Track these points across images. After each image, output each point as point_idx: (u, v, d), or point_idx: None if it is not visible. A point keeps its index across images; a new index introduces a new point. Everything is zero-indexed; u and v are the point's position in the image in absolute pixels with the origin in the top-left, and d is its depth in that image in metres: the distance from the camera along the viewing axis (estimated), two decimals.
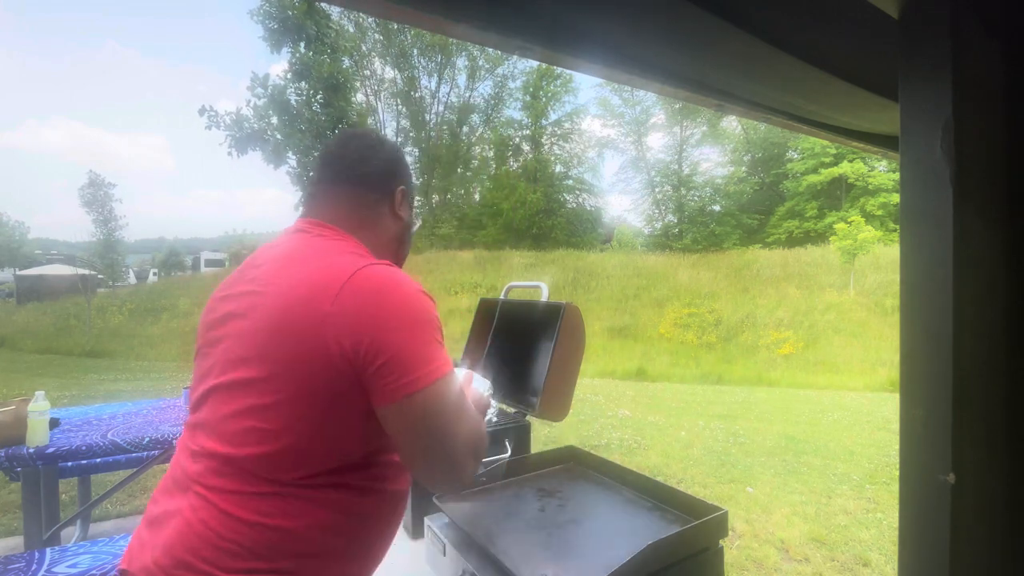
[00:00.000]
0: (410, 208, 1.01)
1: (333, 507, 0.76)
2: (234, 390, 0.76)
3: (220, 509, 0.72)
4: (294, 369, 0.72)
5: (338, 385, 0.72)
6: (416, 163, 32.82)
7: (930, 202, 0.58)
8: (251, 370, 0.74)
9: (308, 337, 0.72)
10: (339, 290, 0.73)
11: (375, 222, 0.93)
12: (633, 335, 14.52)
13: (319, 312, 0.72)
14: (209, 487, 0.74)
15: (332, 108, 12.96)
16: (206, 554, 0.70)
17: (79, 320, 16.60)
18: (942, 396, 0.56)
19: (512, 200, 27.92)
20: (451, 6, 0.67)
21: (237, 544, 0.71)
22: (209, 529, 0.71)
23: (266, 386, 0.73)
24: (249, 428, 0.73)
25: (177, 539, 0.72)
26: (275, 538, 0.72)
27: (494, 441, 1.44)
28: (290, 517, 0.73)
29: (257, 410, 0.73)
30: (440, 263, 20.94)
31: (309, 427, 0.73)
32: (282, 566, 0.72)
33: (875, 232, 15.09)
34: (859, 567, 2.84)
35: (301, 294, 0.74)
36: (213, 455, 0.75)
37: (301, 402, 0.72)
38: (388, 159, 0.97)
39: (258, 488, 0.72)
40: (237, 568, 0.70)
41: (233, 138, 12.15)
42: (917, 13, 0.59)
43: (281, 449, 0.72)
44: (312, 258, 0.80)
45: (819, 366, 11.22)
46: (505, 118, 32.77)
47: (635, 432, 5.48)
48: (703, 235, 26.20)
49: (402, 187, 0.97)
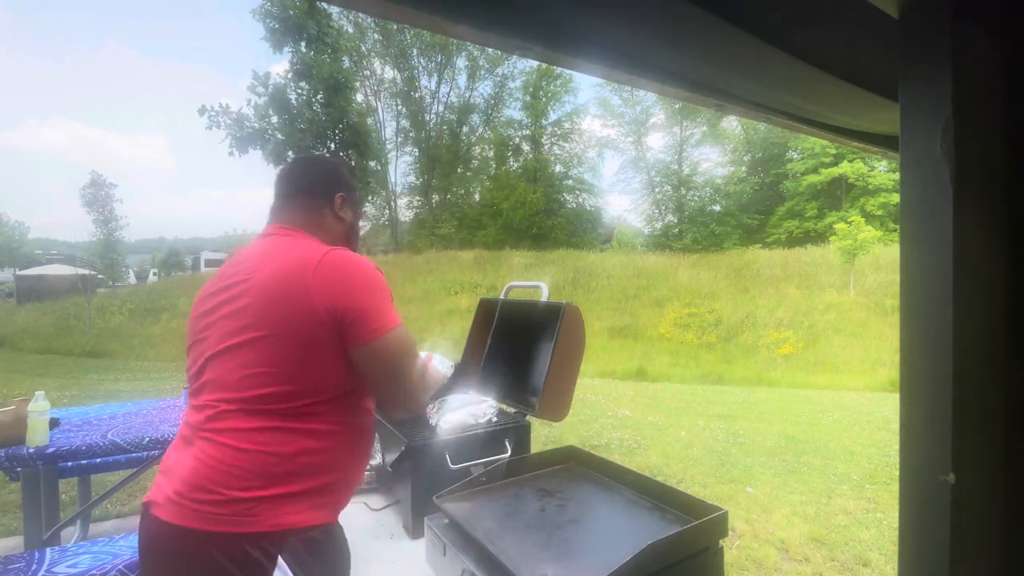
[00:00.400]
0: (353, 211, 1.24)
1: (314, 435, 0.99)
2: (236, 350, 0.98)
3: (223, 444, 0.94)
4: (288, 326, 0.96)
5: (321, 334, 0.97)
6: (416, 163, 32.82)
7: (930, 202, 0.58)
8: (251, 333, 0.97)
9: (298, 302, 0.96)
10: (315, 267, 0.98)
11: (321, 223, 1.17)
12: (633, 335, 14.51)
13: (303, 284, 0.97)
14: (215, 430, 0.95)
15: (332, 108, 12.97)
16: (215, 478, 0.91)
17: (79, 320, 16.60)
18: (942, 396, 0.56)
19: (512, 200, 27.91)
20: (451, 6, 0.67)
21: (240, 468, 0.92)
22: (217, 461, 0.93)
23: (266, 342, 0.96)
24: (255, 374, 0.96)
25: (191, 473, 0.93)
26: (269, 461, 0.94)
27: (494, 441, 1.44)
28: (281, 444, 0.95)
29: (261, 360, 0.96)
30: (440, 263, 20.93)
31: (300, 368, 0.97)
32: (274, 481, 0.94)
33: (875, 232, 15.08)
34: (859, 567, 2.84)
35: (288, 272, 0.99)
36: (220, 402, 0.97)
37: (295, 349, 0.96)
38: (327, 171, 1.22)
39: (256, 423, 0.95)
40: (240, 486, 0.91)
41: (234, 137, 12.14)
42: (917, 13, 0.59)
43: (280, 387, 0.96)
44: (288, 249, 1.05)
45: (819, 366, 11.21)
46: (505, 118, 32.78)
47: (635, 432, 5.48)
48: (703, 235, 26.19)
49: (341, 194, 1.20)
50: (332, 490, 1.03)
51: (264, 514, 0.92)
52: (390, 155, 32.03)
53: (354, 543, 1.30)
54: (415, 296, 17.77)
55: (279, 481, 0.94)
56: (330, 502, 1.03)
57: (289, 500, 0.95)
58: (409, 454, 1.31)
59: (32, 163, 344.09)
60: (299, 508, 0.96)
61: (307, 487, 0.97)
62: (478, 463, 1.36)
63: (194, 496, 0.90)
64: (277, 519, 0.93)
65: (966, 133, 0.55)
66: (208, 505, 0.90)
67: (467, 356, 1.89)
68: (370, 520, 1.43)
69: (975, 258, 0.56)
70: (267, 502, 0.93)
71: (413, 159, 33.14)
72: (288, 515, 0.94)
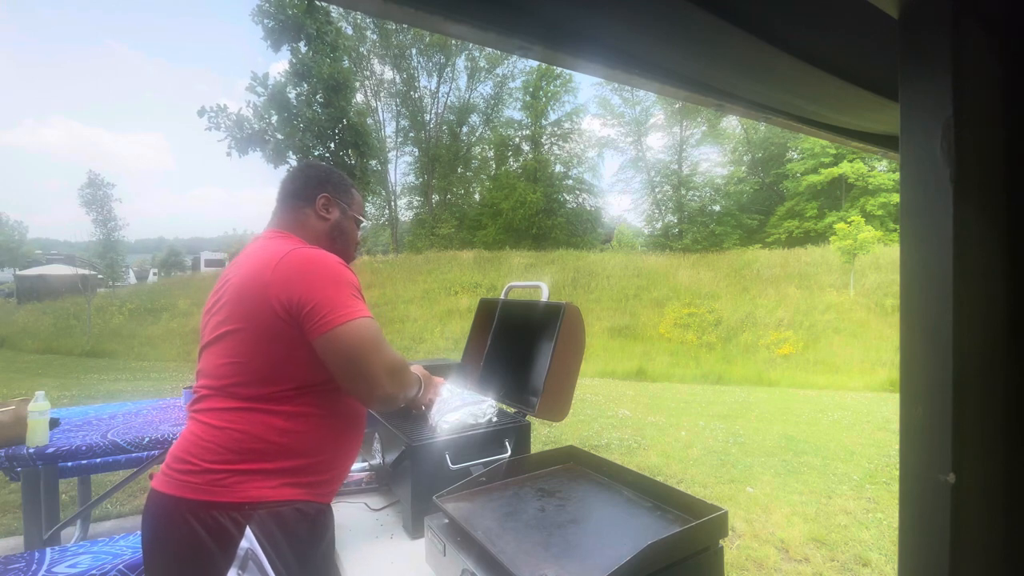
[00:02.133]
0: (341, 211, 1.31)
1: (284, 417, 1.06)
2: (217, 342, 1.10)
3: (202, 422, 1.06)
4: (251, 321, 1.06)
5: (278, 327, 1.04)
6: (416, 163, 32.81)
7: (930, 202, 0.58)
8: (226, 327, 1.09)
9: (258, 299, 1.05)
10: (275, 265, 1.06)
11: (304, 223, 1.26)
12: (633, 335, 14.51)
13: (263, 281, 1.06)
14: (199, 411, 1.08)
15: (332, 108, 12.96)
16: (193, 451, 1.03)
17: (79, 320, 16.60)
18: (942, 396, 0.56)
19: (512, 200, 27.91)
20: (451, 6, 0.67)
21: (213, 443, 1.03)
22: (196, 436, 1.05)
23: (236, 336, 1.07)
24: (228, 363, 1.07)
25: (177, 447, 1.07)
26: (237, 437, 1.03)
27: (494, 441, 1.44)
28: (249, 424, 1.04)
29: (232, 352, 1.07)
30: (440, 263, 20.92)
31: (265, 359, 1.06)
32: (244, 457, 1.03)
33: (875, 232, 15.08)
34: (859, 567, 2.84)
35: (253, 272, 1.09)
36: (203, 387, 1.10)
37: (259, 343, 1.06)
38: (311, 176, 1.30)
39: (229, 404, 1.06)
40: (212, 459, 1.02)
41: (234, 139, 12.12)
42: (917, 13, 0.59)
43: (248, 376, 1.06)
44: (263, 250, 1.13)
45: (819, 366, 11.22)
46: (505, 118, 32.78)
47: (635, 432, 5.48)
48: (703, 235, 26.19)
49: (324, 195, 1.28)
50: (307, 471, 1.08)
51: (234, 486, 1.01)
52: (390, 155, 32.04)
53: (354, 543, 1.30)
54: (415, 296, 17.77)
55: (249, 457, 1.03)
56: (306, 482, 1.08)
57: (261, 476, 1.03)
58: (409, 454, 1.31)
59: (31, 162, 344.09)
60: (271, 485, 1.04)
61: (279, 466, 1.05)
62: (478, 463, 1.36)
63: (175, 466, 1.04)
64: (246, 492, 1.01)
65: (966, 133, 0.55)
66: (186, 475, 1.02)
67: (467, 356, 1.89)
68: (370, 520, 1.43)
69: (975, 258, 0.56)
70: (237, 475, 1.02)
71: (413, 159, 33.19)
72: (257, 490, 1.02)
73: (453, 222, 30.50)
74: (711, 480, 4.11)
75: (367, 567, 1.20)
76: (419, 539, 1.24)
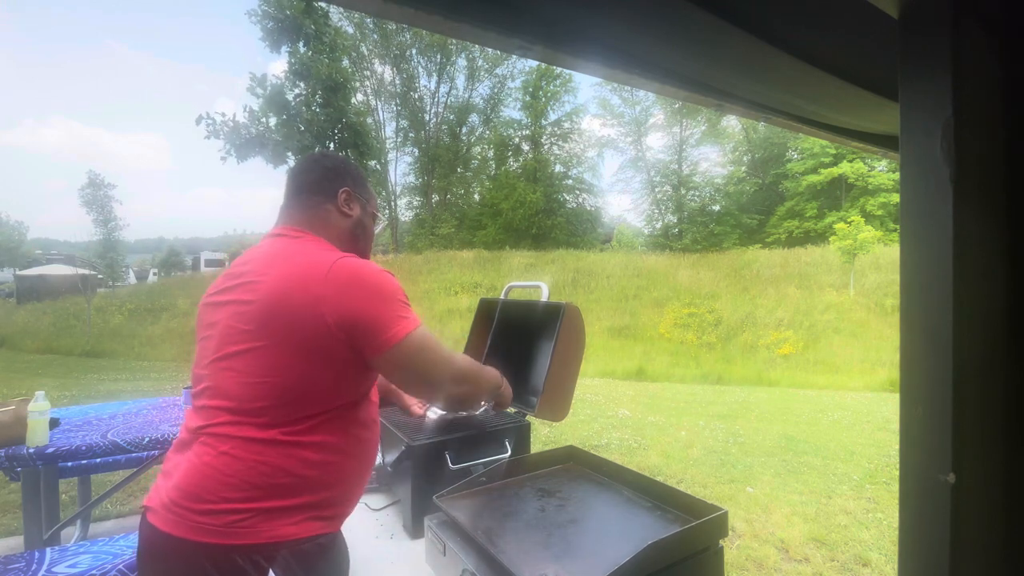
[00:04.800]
0: (362, 206, 1.21)
1: (313, 448, 0.97)
2: (239, 357, 0.96)
3: (220, 451, 0.93)
4: (294, 336, 0.94)
5: (328, 344, 0.94)
6: (416, 163, 32.79)
7: (930, 202, 0.58)
8: (255, 341, 0.95)
9: (305, 312, 0.94)
10: (325, 275, 0.95)
11: (326, 220, 1.14)
12: (633, 335, 14.51)
13: (312, 293, 0.94)
14: (213, 435, 0.94)
15: (331, 108, 12.95)
16: (209, 486, 0.91)
17: (79, 320, 16.59)
18: (942, 396, 0.56)
19: (512, 200, 27.90)
20: (451, 6, 0.67)
21: (234, 478, 0.91)
22: (212, 468, 0.92)
23: (269, 351, 0.94)
24: (256, 383, 0.94)
25: (185, 479, 0.92)
26: (265, 472, 0.93)
27: (494, 441, 1.44)
28: (278, 457, 0.94)
29: (263, 370, 0.94)
30: (440, 263, 20.92)
31: (303, 380, 0.95)
32: (270, 493, 0.92)
33: (875, 232, 15.08)
34: (859, 567, 2.84)
35: (295, 280, 0.96)
36: (219, 409, 0.95)
37: (300, 361, 0.94)
38: (328, 167, 1.18)
39: (254, 434, 0.93)
40: (234, 497, 0.90)
41: (232, 145, 12.09)
42: (917, 13, 0.59)
43: (281, 398, 0.94)
44: (296, 254, 1.02)
45: (819, 366, 11.22)
46: (505, 118, 32.78)
47: (635, 432, 5.48)
48: (703, 235, 26.19)
49: (345, 188, 1.16)
50: (331, 503, 1.01)
51: (257, 526, 0.91)
52: (390, 155, 32.04)
53: (354, 543, 1.30)
54: (415, 296, 17.76)
55: (274, 493, 0.93)
56: (329, 515, 1.01)
57: (284, 513, 0.93)
58: (409, 454, 1.31)
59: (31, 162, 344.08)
60: (294, 520, 0.94)
61: (304, 500, 0.96)
62: (478, 463, 1.36)
63: (187, 504, 0.90)
64: (270, 532, 0.92)
65: (966, 133, 0.55)
66: (201, 515, 0.89)
67: (467, 356, 1.89)
68: (370, 520, 1.43)
69: (975, 258, 0.56)
70: (261, 514, 0.91)
71: (413, 159, 33.17)
72: (281, 527, 0.93)
73: (453, 222, 30.48)
74: (711, 480, 4.11)
75: (367, 567, 1.20)
76: (419, 539, 1.24)
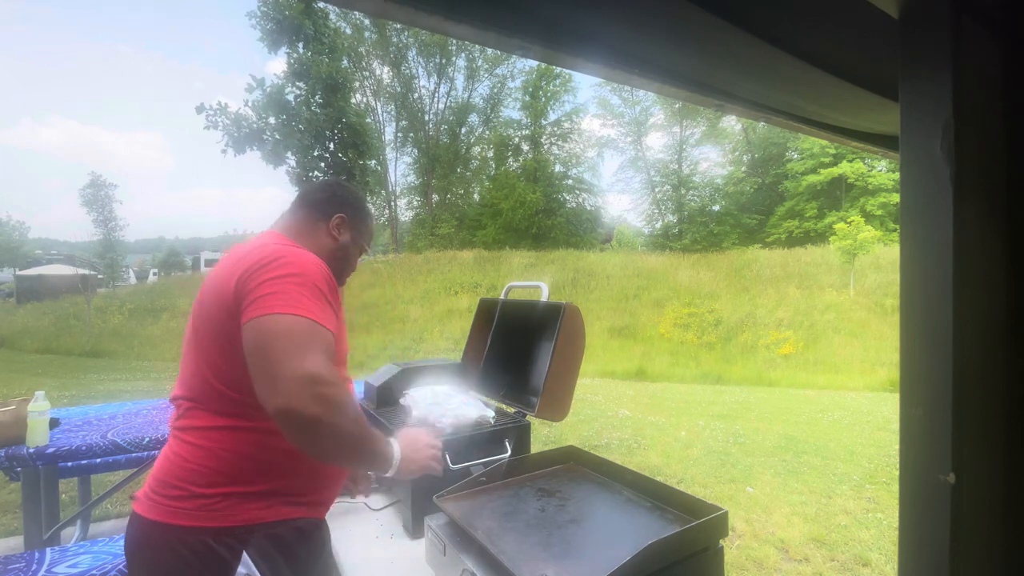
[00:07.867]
0: (352, 237, 1.25)
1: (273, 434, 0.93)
2: (191, 348, 1.01)
3: (185, 441, 0.97)
4: (213, 325, 0.96)
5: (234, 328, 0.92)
6: (415, 163, 32.81)
7: (930, 202, 0.58)
8: (196, 334, 1.00)
9: (221, 294, 0.95)
10: (245, 257, 0.96)
11: (312, 235, 1.19)
12: (633, 335, 14.51)
13: (229, 274, 0.95)
14: (179, 427, 1.00)
15: (330, 108, 12.93)
16: (180, 475, 0.95)
17: (79, 320, 16.59)
18: (942, 396, 0.56)
19: (512, 200, 27.90)
20: (451, 6, 0.67)
21: (200, 465, 0.95)
22: (180, 458, 0.96)
23: (204, 340, 0.98)
24: (200, 372, 0.98)
25: (160, 469, 0.98)
26: (227, 459, 0.95)
27: (494, 441, 1.44)
28: (237, 443, 0.96)
29: (204, 359, 0.98)
30: (440, 263, 20.92)
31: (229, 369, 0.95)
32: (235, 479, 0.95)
33: (875, 232, 15.07)
34: (859, 567, 2.84)
35: (227, 266, 0.98)
36: (181, 399, 1.01)
37: (218, 349, 0.96)
38: (336, 194, 1.24)
39: (212, 422, 0.97)
40: (202, 483, 0.94)
41: (231, 137, 12.08)
42: (917, 13, 0.59)
43: (224, 386, 0.96)
44: (252, 251, 1.00)
45: (819, 366, 11.21)
46: (504, 118, 32.78)
47: (635, 432, 5.48)
48: (703, 235, 26.18)
49: (341, 215, 1.22)
50: (304, 490, 1.02)
51: (227, 510, 0.94)
52: (389, 155, 32.05)
53: (354, 543, 1.30)
54: (415, 296, 17.77)
55: (240, 479, 0.95)
56: (303, 500, 1.02)
57: (253, 497, 0.95)
58: None
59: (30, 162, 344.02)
60: (264, 505, 0.96)
61: (273, 486, 0.97)
62: (478, 463, 1.36)
63: (162, 492, 0.95)
64: (240, 515, 0.94)
65: (966, 133, 0.55)
66: (175, 500, 0.94)
67: (467, 356, 1.89)
68: (370, 520, 1.43)
69: (975, 258, 0.56)
70: (231, 498, 0.94)
71: (413, 159, 33.19)
72: (250, 511, 0.95)
73: (453, 222, 30.48)
74: (711, 480, 4.11)
75: (367, 567, 1.20)
76: (419, 539, 1.24)
